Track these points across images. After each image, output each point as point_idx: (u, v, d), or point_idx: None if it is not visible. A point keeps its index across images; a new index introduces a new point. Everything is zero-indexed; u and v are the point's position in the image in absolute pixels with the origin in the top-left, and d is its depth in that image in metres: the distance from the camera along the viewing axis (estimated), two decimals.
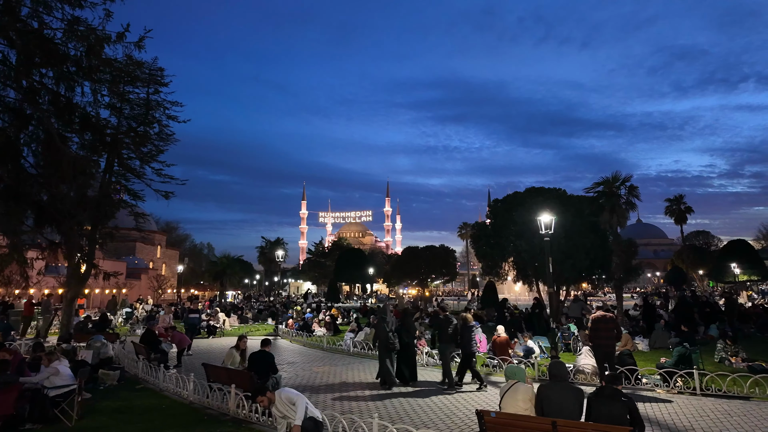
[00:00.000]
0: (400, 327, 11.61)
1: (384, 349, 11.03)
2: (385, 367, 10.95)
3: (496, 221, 25.62)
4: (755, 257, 45.19)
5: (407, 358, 11.43)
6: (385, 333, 11.04)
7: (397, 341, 11.08)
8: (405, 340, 11.36)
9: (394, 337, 11.05)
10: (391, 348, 11.00)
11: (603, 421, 5.27)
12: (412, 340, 11.73)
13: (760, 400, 9.21)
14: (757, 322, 20.56)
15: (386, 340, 10.95)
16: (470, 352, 10.90)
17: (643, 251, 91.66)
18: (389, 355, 11.03)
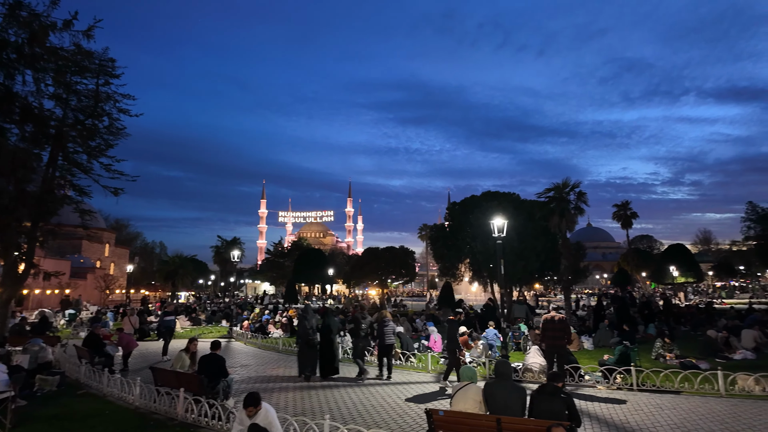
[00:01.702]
0: (323, 324, 12.42)
1: (304, 344, 11.95)
2: (304, 360, 11.88)
3: (453, 223, 26.23)
4: (692, 261, 48.56)
5: (329, 354, 12.17)
6: (305, 329, 12.00)
7: (318, 337, 12.06)
8: (328, 337, 12.14)
9: (313, 333, 12.01)
10: (311, 344, 11.94)
11: (544, 416, 5.55)
12: (334, 336, 12.43)
13: (689, 394, 9.94)
14: (690, 321, 22.10)
15: (306, 336, 11.90)
16: (385, 345, 11.96)
17: (592, 254, 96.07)
18: (309, 350, 11.95)
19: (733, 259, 70.39)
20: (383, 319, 12.28)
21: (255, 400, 5.78)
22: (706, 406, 9.03)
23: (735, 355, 13.92)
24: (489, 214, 15.85)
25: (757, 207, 27.51)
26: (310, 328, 12.03)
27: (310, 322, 12.18)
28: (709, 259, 77.02)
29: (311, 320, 12.28)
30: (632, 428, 7.75)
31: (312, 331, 12.02)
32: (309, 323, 12.14)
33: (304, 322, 12.21)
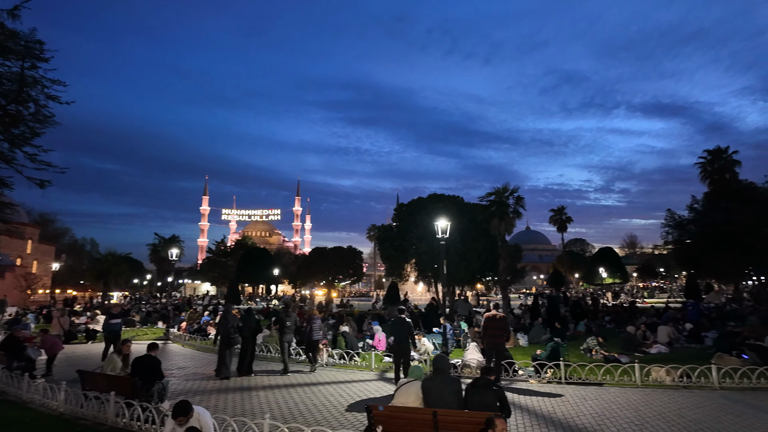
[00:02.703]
0: (243, 324, 12.80)
1: (225, 343, 12.26)
2: (224, 359, 12.10)
3: (400, 224, 26.70)
4: (619, 263, 52.24)
5: (248, 352, 12.57)
6: (225, 328, 12.33)
7: (239, 336, 12.47)
8: (246, 336, 12.55)
9: (234, 332, 12.39)
10: (232, 342, 12.30)
11: (477, 408, 5.87)
12: (253, 336, 12.92)
13: (610, 386, 10.80)
14: (615, 318, 23.87)
15: (227, 335, 12.27)
16: (312, 341, 12.93)
17: (529, 256, 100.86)
18: (229, 348, 12.25)
19: (655, 262, 76.34)
20: (311, 317, 13.26)
21: (184, 409, 5.65)
22: (624, 396, 9.87)
23: (651, 349, 15.25)
24: (434, 216, 16.34)
25: (675, 214, 30.10)
26: (231, 328, 12.40)
27: (231, 323, 12.52)
28: (635, 261, 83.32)
29: (232, 321, 12.61)
30: (559, 418, 8.32)
31: (233, 330, 12.41)
32: (230, 323, 12.47)
33: (225, 322, 12.55)
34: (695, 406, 8.97)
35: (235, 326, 12.61)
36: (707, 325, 18.91)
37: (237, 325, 12.72)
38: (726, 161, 36.70)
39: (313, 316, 13.44)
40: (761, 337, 14.01)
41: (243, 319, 13.19)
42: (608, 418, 8.23)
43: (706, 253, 27.50)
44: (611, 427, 7.71)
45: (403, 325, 11.24)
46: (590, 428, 7.70)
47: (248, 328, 12.67)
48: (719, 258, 26.75)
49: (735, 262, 26.29)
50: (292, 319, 13.51)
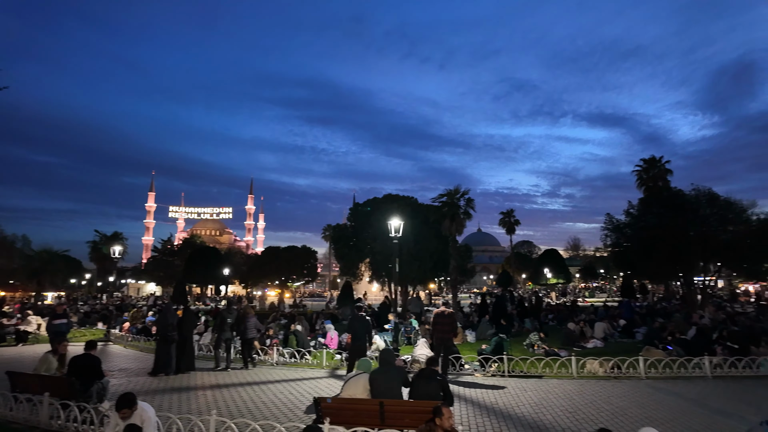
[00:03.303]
0: (181, 321, 12.83)
1: (163, 340, 12.30)
2: (162, 356, 12.16)
3: (355, 224, 26.82)
4: (563, 264, 54.95)
5: (186, 350, 12.69)
6: (164, 326, 12.39)
7: (176, 334, 12.41)
8: (185, 334, 12.67)
9: (172, 330, 12.35)
10: (171, 340, 12.29)
11: (422, 397, 6.12)
12: (191, 334, 13.12)
13: (549, 378, 11.45)
14: (557, 316, 25.19)
15: (165, 332, 12.27)
16: (247, 339, 13.11)
17: (480, 257, 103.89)
18: (167, 346, 12.25)
19: (596, 264, 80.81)
20: (245, 315, 13.43)
21: (129, 401, 5.52)
22: (561, 387, 10.51)
23: (588, 344, 16.26)
24: (389, 216, 16.60)
25: (613, 218, 31.93)
26: (169, 325, 12.40)
27: (170, 320, 12.52)
28: (578, 263, 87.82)
29: (171, 318, 12.61)
30: (500, 408, 8.76)
31: (171, 328, 12.39)
32: (168, 321, 12.48)
33: (164, 320, 12.60)
34: (623, 394, 9.72)
35: (174, 324, 12.51)
36: (639, 321, 20.38)
37: (175, 322, 12.62)
38: (660, 170, 39.51)
39: (248, 314, 13.61)
40: (684, 331, 15.30)
41: (182, 316, 13.14)
42: (545, 407, 8.75)
43: (640, 256, 29.44)
44: (547, 415, 8.21)
45: (363, 322, 11.37)
46: (528, 417, 8.16)
47: (187, 326, 12.73)
48: (651, 260, 28.74)
49: (664, 264, 28.28)
50: (233, 316, 13.56)
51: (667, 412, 8.31)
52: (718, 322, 17.50)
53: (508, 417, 8.15)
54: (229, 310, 13.83)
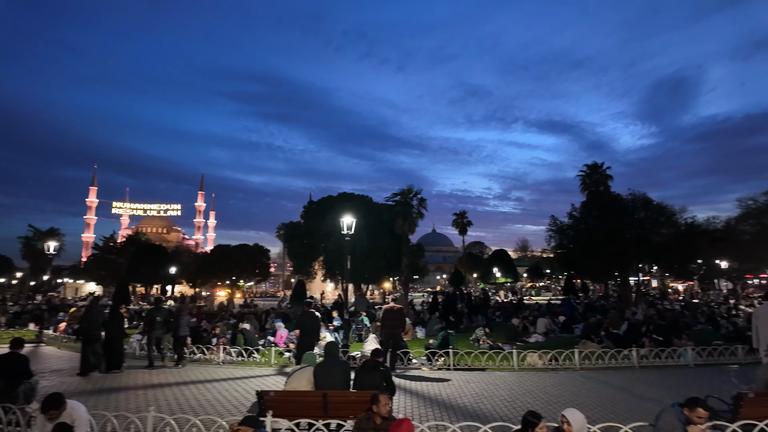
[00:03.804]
0: (108, 321, 12.58)
1: (88, 340, 11.97)
2: (88, 355, 11.82)
3: (309, 222, 26.63)
4: (511, 264, 57.11)
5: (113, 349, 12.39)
6: (88, 325, 12.11)
7: (102, 333, 12.21)
8: (112, 333, 12.39)
9: (96, 329, 12.10)
10: (96, 339, 12.03)
11: (365, 388, 6.25)
12: (120, 333, 12.82)
13: (492, 370, 11.94)
14: (504, 313, 26.17)
15: (88, 331, 12.02)
16: (179, 337, 13.01)
17: (434, 257, 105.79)
18: (93, 345, 11.95)
19: (542, 264, 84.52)
20: (179, 312, 13.49)
21: (55, 402, 5.23)
22: (502, 379, 11.00)
23: (530, 338, 17.05)
24: (343, 214, 16.63)
25: (558, 220, 33.60)
26: (94, 324, 12.14)
27: (95, 318, 12.26)
28: (526, 263, 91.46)
29: (97, 316, 12.34)
30: (444, 399, 9.06)
31: (96, 327, 12.14)
32: (93, 319, 12.21)
33: (89, 318, 12.31)
34: (558, 384, 10.32)
35: (99, 322, 12.21)
36: (578, 318, 21.56)
37: (101, 321, 12.32)
38: (601, 175, 41.87)
39: (181, 312, 13.54)
40: (618, 326, 16.37)
41: (110, 315, 12.84)
42: (486, 397, 9.15)
43: (581, 256, 31.20)
44: (487, 405, 8.58)
45: (312, 318, 11.37)
46: (470, 406, 8.50)
47: (115, 325, 12.47)
48: (591, 260, 30.52)
49: (603, 264, 30.13)
50: (163, 314, 13.44)
51: (596, 399, 8.91)
52: (649, 317, 18.84)
53: (450, 407, 8.46)
54: (158, 309, 13.61)
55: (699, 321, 21.29)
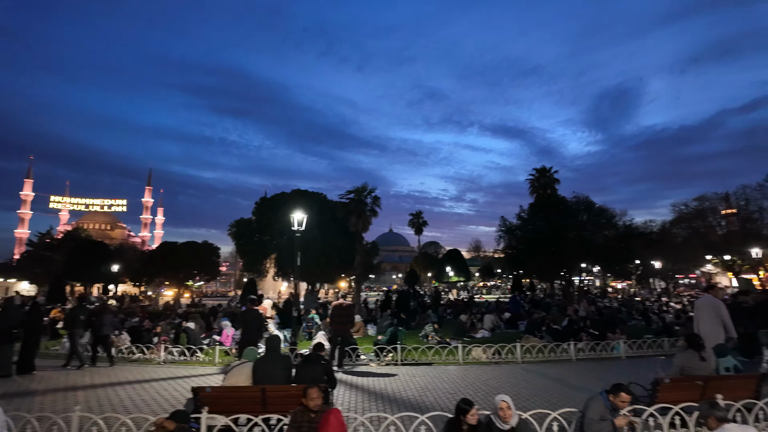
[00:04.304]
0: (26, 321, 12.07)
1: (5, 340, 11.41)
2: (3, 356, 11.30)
3: (261, 219, 26.05)
4: (463, 264, 58.46)
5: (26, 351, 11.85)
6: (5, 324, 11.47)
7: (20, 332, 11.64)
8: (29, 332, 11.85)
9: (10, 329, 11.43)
10: (12, 339, 11.48)
11: (306, 382, 6.18)
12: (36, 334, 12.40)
13: (438, 365, 12.20)
14: (454, 310, 26.75)
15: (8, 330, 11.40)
16: (101, 335, 12.66)
17: (391, 256, 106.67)
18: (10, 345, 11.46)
19: (494, 264, 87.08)
20: (101, 311, 13.15)
21: None
22: (447, 372, 11.25)
23: (477, 334, 17.53)
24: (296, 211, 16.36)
25: (507, 221, 34.75)
26: (12, 324, 11.54)
27: (13, 317, 11.73)
28: (478, 263, 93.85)
29: (14, 314, 11.85)
30: (389, 393, 9.16)
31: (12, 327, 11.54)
32: (10, 319, 11.63)
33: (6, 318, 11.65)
34: (499, 377, 10.69)
35: (17, 321, 11.63)
36: (524, 314, 22.38)
37: (21, 319, 11.75)
38: (549, 179, 43.68)
39: (104, 311, 13.18)
40: (559, 322, 17.14)
41: (29, 314, 12.27)
42: (430, 390, 9.33)
43: (528, 255, 32.41)
44: (430, 397, 8.76)
45: (255, 315, 11.14)
46: (413, 399, 8.64)
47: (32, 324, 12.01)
48: (538, 259, 31.77)
49: (548, 263, 31.43)
50: (86, 313, 12.93)
51: (533, 390, 9.31)
52: (589, 314, 19.87)
53: (394, 400, 8.56)
54: (81, 308, 13.05)
55: (634, 317, 22.64)
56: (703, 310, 9.04)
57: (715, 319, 8.81)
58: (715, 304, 8.96)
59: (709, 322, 8.84)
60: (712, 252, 39.18)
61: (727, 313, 8.85)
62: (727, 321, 8.77)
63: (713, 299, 9.12)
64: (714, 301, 9.04)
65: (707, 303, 9.07)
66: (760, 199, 34.99)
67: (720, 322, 8.76)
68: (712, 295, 9.27)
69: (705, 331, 8.79)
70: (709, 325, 8.82)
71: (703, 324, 8.89)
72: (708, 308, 8.97)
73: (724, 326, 8.73)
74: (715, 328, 8.73)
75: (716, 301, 9.09)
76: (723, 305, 9.04)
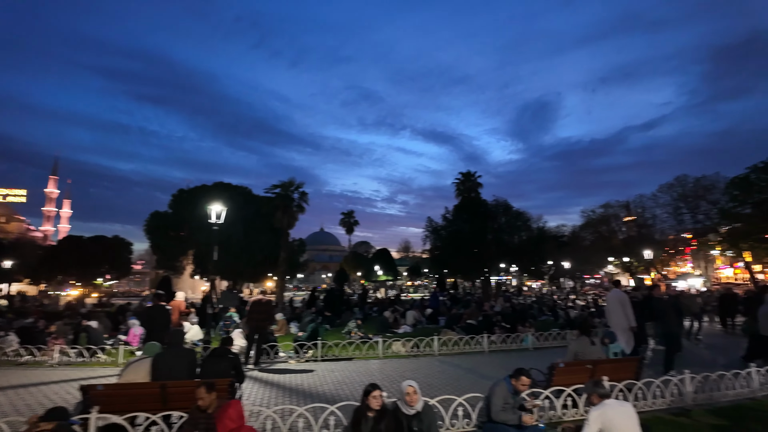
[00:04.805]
0: None
1: None
2: None
3: (179, 212, 24.53)
4: (392, 263, 59.43)
5: None
6: None
7: None
8: None
9: None
10: None
11: (211, 376, 5.95)
12: None
13: (359, 359, 12.25)
14: (381, 308, 27.10)
15: None
16: None
17: (321, 256, 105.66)
18: None
19: (422, 264, 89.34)
20: None
21: None
22: (367, 366, 11.35)
23: (399, 329, 17.86)
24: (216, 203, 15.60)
25: (433, 222, 35.92)
26: None
27: None
28: (407, 263, 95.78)
29: None
30: (304, 389, 9.04)
31: None
32: None
33: None
34: (416, 368, 10.97)
35: None
36: (445, 311, 23.18)
37: None
38: (473, 183, 45.68)
39: None
40: (476, 318, 17.94)
41: None
42: (346, 384, 9.35)
43: (451, 255, 33.69)
44: (346, 390, 8.78)
45: (162, 312, 10.50)
46: (329, 393, 8.62)
47: None
48: (461, 259, 33.14)
49: (470, 263, 32.91)
50: None
51: (446, 379, 9.68)
52: (504, 309, 21.00)
53: (309, 395, 8.48)
54: None
55: (544, 312, 24.32)
56: (612, 303, 10.30)
57: (621, 310, 10.04)
58: (621, 298, 10.22)
59: (617, 313, 10.08)
60: (614, 254, 43.37)
61: (630, 306, 10.08)
62: (630, 312, 9.99)
63: (620, 293, 10.41)
64: (621, 295, 10.32)
65: (615, 297, 10.34)
66: (653, 207, 39.46)
67: (625, 313, 9.98)
68: (619, 290, 10.58)
69: (613, 320, 10.15)
70: (616, 316, 10.08)
71: (612, 314, 10.18)
72: (615, 301, 10.22)
73: (627, 317, 9.96)
74: (622, 318, 9.98)
75: (622, 294, 10.37)
76: (627, 299, 10.28)
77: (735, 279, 49.66)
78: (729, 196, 31.73)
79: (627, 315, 9.98)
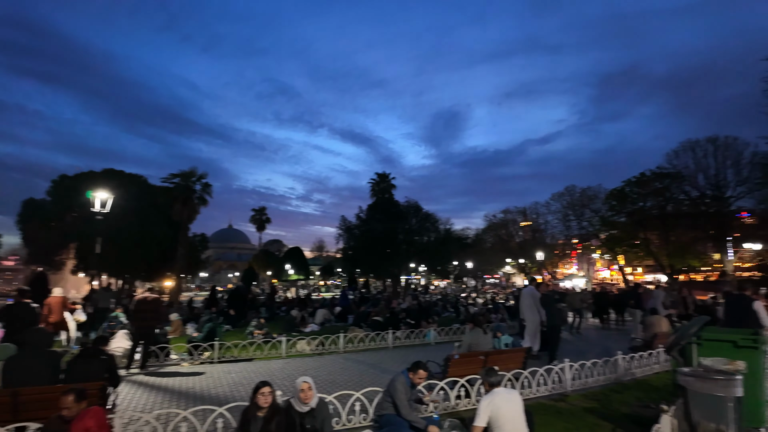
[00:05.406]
0: None
1: None
2: None
3: (60, 201, 21.69)
4: (304, 262, 58.42)
5: None
6: None
7: None
8: None
9: None
10: None
11: (80, 378, 5.24)
12: None
13: (260, 360, 11.73)
14: (289, 307, 26.42)
15: None
16: None
17: (229, 254, 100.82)
18: None
19: (335, 263, 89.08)
20: None
21: None
22: (268, 366, 10.90)
23: (307, 328, 17.52)
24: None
25: (347, 221, 35.90)
26: None
27: None
28: (321, 262, 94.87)
29: None
30: (195, 392, 8.40)
31: None
32: None
33: None
34: (320, 366, 10.77)
35: None
36: (353, 309, 23.23)
37: None
38: (387, 184, 46.54)
39: None
40: (382, 314, 18.19)
41: None
42: (243, 386, 8.86)
43: (363, 254, 33.96)
44: (242, 392, 8.30)
45: (26, 310, 9.15)
46: (222, 395, 8.10)
47: None
48: (372, 258, 33.53)
49: (381, 262, 33.42)
50: None
51: (349, 376, 9.62)
52: (411, 306, 21.56)
53: (199, 398, 7.89)
54: None
55: (447, 309, 25.45)
56: (525, 298, 11.33)
57: (532, 304, 11.03)
58: (533, 294, 11.20)
59: (529, 307, 11.09)
60: (511, 256, 46.98)
61: (539, 301, 11.01)
62: (539, 307, 10.96)
63: (533, 289, 11.39)
64: (533, 291, 11.30)
65: (528, 293, 11.40)
66: (546, 214, 43.50)
67: (536, 308, 10.98)
68: (532, 287, 11.59)
69: (526, 313, 11.14)
70: (529, 309, 11.09)
71: (525, 308, 11.18)
72: (528, 296, 11.24)
73: (538, 310, 10.96)
74: (533, 312, 10.99)
75: (535, 291, 11.31)
76: (538, 295, 11.17)
77: (611, 280, 56.20)
78: (608, 206, 35.94)
79: (538, 309, 10.93)
